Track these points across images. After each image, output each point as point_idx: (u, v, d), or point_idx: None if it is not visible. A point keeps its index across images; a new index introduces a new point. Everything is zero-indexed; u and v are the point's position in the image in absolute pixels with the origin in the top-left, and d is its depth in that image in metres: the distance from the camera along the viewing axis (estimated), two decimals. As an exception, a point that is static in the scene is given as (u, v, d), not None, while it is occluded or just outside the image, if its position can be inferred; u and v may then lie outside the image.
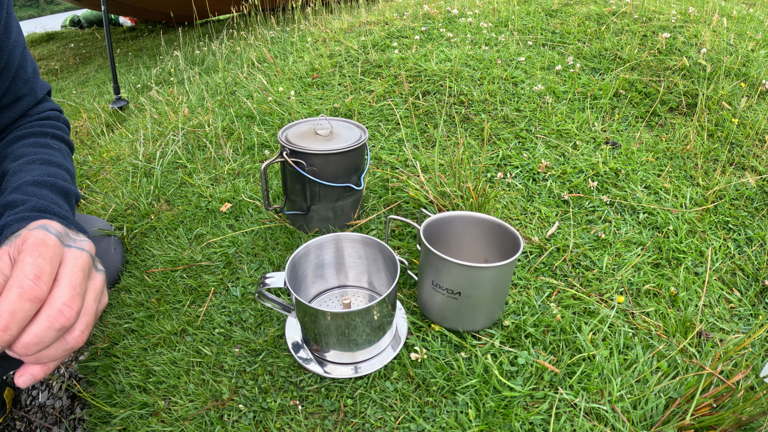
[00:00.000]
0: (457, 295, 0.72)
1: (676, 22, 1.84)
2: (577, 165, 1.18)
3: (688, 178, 1.18)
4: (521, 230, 1.00)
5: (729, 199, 1.12)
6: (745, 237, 1.03)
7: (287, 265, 0.72)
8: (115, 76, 2.50)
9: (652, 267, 0.94)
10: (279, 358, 0.77)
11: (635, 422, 0.66)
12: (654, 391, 0.70)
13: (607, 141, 1.28)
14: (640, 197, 1.10)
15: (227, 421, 0.69)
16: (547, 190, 1.11)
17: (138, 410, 0.75)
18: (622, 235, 1.00)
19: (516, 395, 0.69)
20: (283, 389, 0.72)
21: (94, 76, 3.80)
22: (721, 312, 0.86)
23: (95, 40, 5.14)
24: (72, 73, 4.13)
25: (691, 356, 0.76)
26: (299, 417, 0.69)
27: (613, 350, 0.75)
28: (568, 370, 0.73)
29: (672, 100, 1.45)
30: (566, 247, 0.96)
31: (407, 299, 0.85)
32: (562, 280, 0.89)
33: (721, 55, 1.60)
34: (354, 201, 1.01)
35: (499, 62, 1.62)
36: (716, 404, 0.65)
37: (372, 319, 0.68)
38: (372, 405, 0.69)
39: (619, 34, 1.80)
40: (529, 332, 0.78)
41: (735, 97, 1.44)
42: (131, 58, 3.96)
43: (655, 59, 1.60)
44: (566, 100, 1.44)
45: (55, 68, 4.39)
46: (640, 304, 0.86)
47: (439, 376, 0.72)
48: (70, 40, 5.46)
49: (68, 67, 4.37)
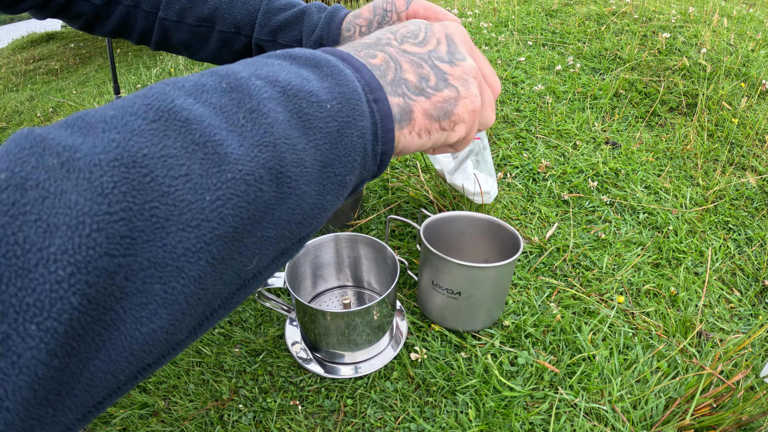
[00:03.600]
0: (457, 295, 0.72)
1: (676, 22, 1.84)
2: (577, 165, 1.18)
3: (688, 178, 1.18)
4: (521, 230, 1.00)
5: (729, 199, 1.12)
6: (745, 237, 1.03)
7: (287, 265, 0.72)
8: (115, 76, 2.50)
9: (652, 267, 0.94)
10: (279, 358, 0.77)
11: (635, 422, 0.66)
12: (654, 391, 0.70)
13: (607, 141, 1.28)
14: (640, 197, 1.10)
15: (227, 421, 0.69)
16: (547, 190, 1.11)
17: (138, 410, 0.75)
18: (622, 235, 1.00)
19: (516, 395, 0.69)
20: (283, 389, 0.73)
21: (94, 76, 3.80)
22: (721, 312, 0.86)
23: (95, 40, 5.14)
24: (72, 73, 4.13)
25: (691, 356, 0.76)
26: (299, 417, 0.69)
27: (613, 350, 0.75)
28: (568, 370, 0.73)
29: (672, 100, 1.45)
30: (566, 247, 0.96)
31: (407, 299, 0.85)
32: (562, 280, 0.89)
33: (721, 55, 1.60)
34: (354, 201, 1.01)
35: (499, 62, 1.62)
36: (716, 404, 0.65)
37: (372, 319, 0.68)
38: (372, 405, 0.69)
39: (619, 34, 1.79)
40: (529, 332, 0.78)
41: (735, 97, 1.44)
42: (131, 58, 3.97)
43: (655, 59, 1.60)
44: (566, 100, 1.44)
45: (55, 68, 4.39)
46: (640, 304, 0.86)
47: (439, 376, 0.72)
48: (70, 40, 5.47)
49: (68, 67, 4.38)
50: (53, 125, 0.21)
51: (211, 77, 0.25)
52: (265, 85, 0.25)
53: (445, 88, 0.31)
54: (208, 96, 0.24)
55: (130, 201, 0.19)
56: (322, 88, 0.27)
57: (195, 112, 0.22)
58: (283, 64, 0.27)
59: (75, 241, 0.17)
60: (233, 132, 0.23)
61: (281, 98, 0.25)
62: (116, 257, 0.18)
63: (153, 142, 0.21)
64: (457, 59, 0.32)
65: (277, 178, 0.24)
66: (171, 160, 0.21)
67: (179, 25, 0.64)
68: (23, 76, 4.27)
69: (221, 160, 0.22)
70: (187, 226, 0.21)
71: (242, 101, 0.24)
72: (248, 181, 0.22)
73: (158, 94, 0.23)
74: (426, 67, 0.31)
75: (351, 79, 0.28)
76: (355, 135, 0.27)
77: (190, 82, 0.24)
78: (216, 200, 0.21)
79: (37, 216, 0.17)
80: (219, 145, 0.22)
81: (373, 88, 0.29)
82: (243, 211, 0.22)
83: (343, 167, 0.27)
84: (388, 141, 0.30)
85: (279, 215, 0.24)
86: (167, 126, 0.22)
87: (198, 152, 0.22)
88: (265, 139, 0.23)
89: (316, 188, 0.26)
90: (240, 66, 0.27)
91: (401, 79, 0.30)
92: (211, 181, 0.21)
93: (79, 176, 0.18)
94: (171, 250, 0.20)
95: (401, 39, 0.32)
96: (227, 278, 0.23)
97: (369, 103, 0.28)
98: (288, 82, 0.26)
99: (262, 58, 0.28)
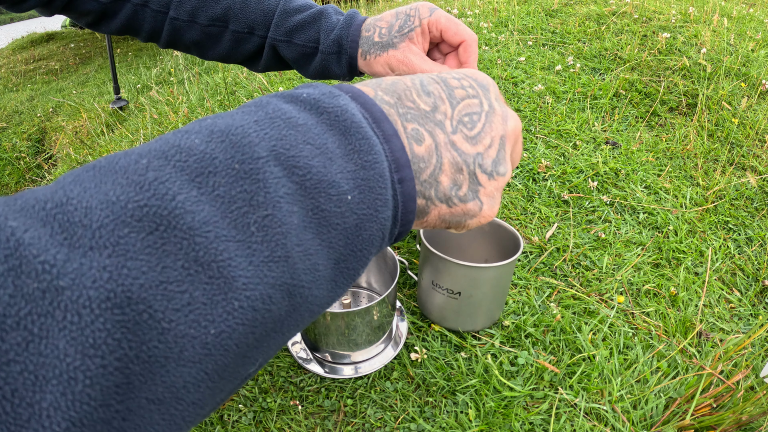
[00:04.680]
0: (457, 295, 0.72)
1: (676, 22, 1.84)
2: (577, 165, 1.18)
3: (688, 178, 1.18)
4: (521, 230, 1.00)
5: (729, 199, 1.12)
6: (745, 237, 1.03)
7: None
8: (115, 76, 2.51)
9: (652, 267, 0.94)
10: (279, 358, 0.77)
11: (635, 422, 0.66)
12: (654, 391, 0.70)
13: (607, 141, 1.28)
14: (640, 197, 1.10)
15: (227, 421, 0.69)
16: (547, 190, 1.11)
17: (138, 410, 0.75)
18: (622, 235, 1.00)
19: (516, 395, 0.69)
20: (283, 389, 0.73)
21: (94, 76, 3.81)
22: (721, 312, 0.86)
23: (95, 40, 5.14)
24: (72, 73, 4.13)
25: (691, 356, 0.76)
26: (299, 417, 0.69)
27: (613, 350, 0.75)
28: (568, 370, 0.73)
29: (672, 100, 1.45)
30: (566, 247, 0.96)
31: (407, 299, 0.85)
32: (562, 280, 0.89)
33: (721, 55, 1.60)
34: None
35: (499, 62, 1.62)
36: (716, 404, 0.65)
37: (372, 319, 0.68)
38: (372, 405, 0.69)
39: (619, 34, 1.79)
40: (529, 332, 0.78)
41: (735, 97, 1.44)
42: (131, 58, 3.97)
43: (655, 59, 1.60)
44: (566, 100, 1.45)
45: (55, 68, 4.40)
46: (640, 304, 0.86)
47: (439, 376, 0.72)
48: (70, 40, 5.47)
49: (68, 67, 4.38)
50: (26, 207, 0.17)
51: (221, 145, 0.21)
52: (283, 176, 0.22)
53: (470, 201, 0.28)
54: (216, 182, 0.20)
55: (126, 347, 0.17)
56: (344, 173, 0.23)
57: (199, 216, 0.19)
58: (308, 125, 0.23)
59: (68, 397, 0.16)
60: (242, 246, 0.20)
61: (298, 195, 0.22)
62: (112, 405, 0.17)
63: (150, 266, 0.18)
64: (498, 172, 0.29)
65: (289, 293, 0.21)
66: (171, 286, 0.18)
67: (191, 25, 0.64)
68: (23, 76, 4.28)
69: (228, 286, 0.19)
70: (188, 362, 0.18)
71: (255, 200, 0.21)
72: (256, 307, 0.20)
73: (155, 183, 0.19)
74: (464, 174, 0.28)
75: (379, 159, 0.24)
76: (374, 228, 0.24)
77: (195, 153, 0.20)
78: (221, 333, 0.19)
79: (23, 366, 0.15)
80: (226, 267, 0.19)
81: (400, 165, 0.25)
82: (249, 337, 0.20)
83: (358, 261, 0.25)
84: (406, 223, 0.27)
85: (289, 324, 0.22)
86: (166, 240, 0.18)
87: (201, 275, 0.19)
88: (276, 253, 0.21)
89: (328, 286, 0.24)
90: (255, 125, 0.22)
91: (435, 181, 0.27)
92: (216, 312, 0.19)
93: (66, 317, 0.16)
94: (170, 386, 0.18)
95: (458, 121, 0.28)
96: (228, 387, 0.21)
97: (393, 186, 0.25)
98: (308, 168, 0.22)
99: (281, 104, 0.24)
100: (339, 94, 0.25)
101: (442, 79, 0.29)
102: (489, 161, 0.28)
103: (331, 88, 0.26)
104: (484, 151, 0.28)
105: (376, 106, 0.26)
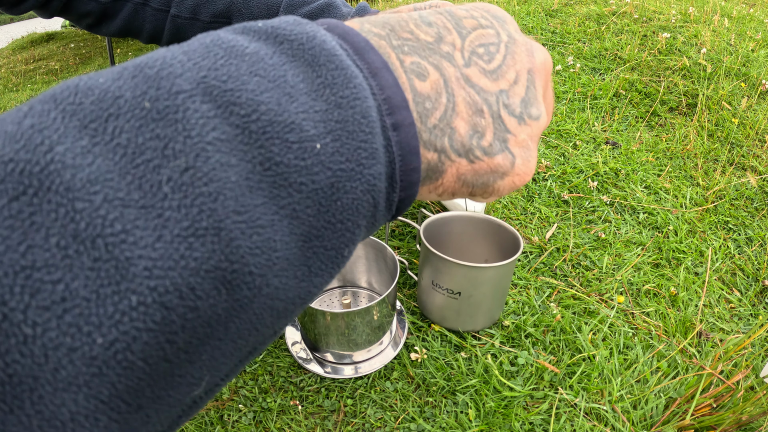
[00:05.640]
0: (457, 295, 0.72)
1: (676, 22, 1.84)
2: (577, 165, 1.18)
3: (688, 178, 1.18)
4: (521, 230, 1.00)
5: (729, 199, 1.12)
6: (745, 237, 1.03)
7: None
8: (115, 76, 2.50)
9: (652, 267, 0.94)
10: (279, 358, 0.77)
11: (635, 422, 0.66)
12: (654, 391, 0.70)
13: (607, 141, 1.28)
14: (640, 197, 1.10)
15: (227, 421, 0.69)
16: (547, 190, 1.11)
17: (138, 410, 0.75)
18: (622, 235, 1.00)
19: (516, 395, 0.69)
20: (283, 389, 0.73)
21: (94, 76, 3.80)
22: (721, 312, 0.86)
23: (95, 40, 5.14)
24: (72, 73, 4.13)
25: (691, 356, 0.76)
26: (299, 417, 0.69)
27: (613, 350, 0.75)
28: (568, 370, 0.73)
29: (672, 100, 1.45)
30: (566, 247, 0.96)
31: (407, 299, 0.85)
32: (562, 280, 0.89)
33: (721, 55, 1.60)
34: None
35: (499, 62, 1.62)
36: (716, 404, 0.65)
37: (372, 319, 0.68)
38: (372, 405, 0.69)
39: (619, 34, 1.79)
40: (529, 332, 0.78)
41: (735, 97, 1.44)
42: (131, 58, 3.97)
43: (655, 59, 1.60)
44: (566, 100, 1.45)
45: (55, 68, 4.40)
46: (640, 304, 0.86)
47: (439, 376, 0.72)
48: (70, 40, 5.47)
49: (68, 67, 4.38)
50: None
51: (132, 81, 0.15)
52: (215, 116, 0.15)
53: (498, 154, 0.22)
54: (117, 127, 0.14)
55: None
56: (310, 112, 0.17)
57: (83, 173, 0.13)
58: (259, 54, 0.17)
59: None
60: (146, 214, 0.14)
61: (238, 142, 0.15)
62: None
63: (8, 245, 0.12)
64: (531, 115, 0.22)
65: (227, 283, 0.15)
66: (38, 274, 0.12)
67: (193, 23, 0.63)
68: (23, 76, 4.28)
69: (121, 274, 0.13)
70: (69, 386, 0.13)
71: (170, 149, 0.14)
72: (168, 304, 0.14)
73: (29, 131, 0.13)
74: (486, 116, 0.21)
75: (360, 95, 0.18)
76: (359, 189, 0.18)
77: (94, 93, 0.15)
78: (113, 343, 0.13)
79: None
80: (119, 245, 0.13)
81: (394, 106, 0.19)
82: (164, 347, 0.14)
83: (339, 238, 0.18)
84: (409, 185, 0.20)
85: (237, 327, 0.16)
86: (36, 208, 0.13)
87: (83, 256, 0.13)
88: (201, 224, 0.14)
89: (297, 273, 0.17)
90: (182, 55, 0.16)
91: (448, 126, 0.20)
92: (104, 312, 0.13)
93: None
94: (50, 418, 0.13)
95: (470, 52, 0.21)
96: (161, 415, 0.15)
97: (385, 132, 0.18)
98: (255, 106, 0.16)
99: (228, 35, 0.18)
100: (306, 22, 0.19)
101: (446, 10, 0.23)
102: (517, 100, 0.22)
103: (298, 17, 0.19)
104: (509, 88, 0.22)
105: (359, 36, 0.19)
